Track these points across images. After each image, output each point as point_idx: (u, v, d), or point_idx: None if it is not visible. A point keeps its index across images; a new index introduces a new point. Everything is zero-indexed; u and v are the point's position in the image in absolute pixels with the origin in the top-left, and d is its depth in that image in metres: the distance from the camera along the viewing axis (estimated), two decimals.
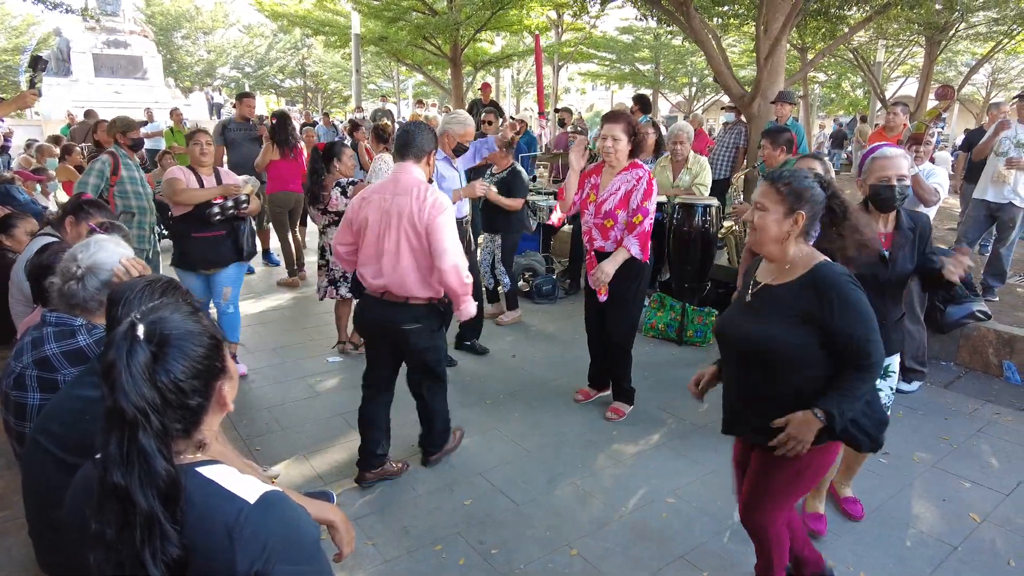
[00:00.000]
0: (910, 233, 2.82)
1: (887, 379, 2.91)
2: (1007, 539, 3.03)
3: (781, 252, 2.13)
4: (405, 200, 3.02)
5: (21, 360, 1.90)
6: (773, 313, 2.10)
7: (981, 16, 13.76)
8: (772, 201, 2.08)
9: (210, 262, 4.37)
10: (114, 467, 1.06)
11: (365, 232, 3.12)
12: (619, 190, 3.84)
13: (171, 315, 1.18)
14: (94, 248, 1.94)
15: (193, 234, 4.26)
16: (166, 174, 4.32)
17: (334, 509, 1.77)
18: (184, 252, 4.36)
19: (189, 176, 4.32)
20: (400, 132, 3.22)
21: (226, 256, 4.39)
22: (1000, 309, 5.40)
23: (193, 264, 4.35)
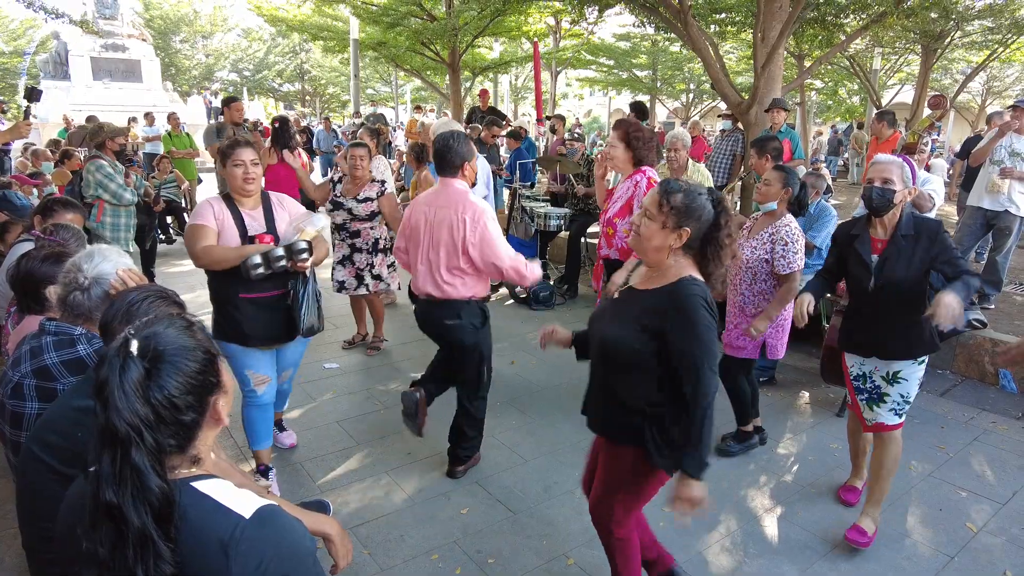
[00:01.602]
0: (904, 242, 2.82)
1: (896, 385, 2.95)
2: (1004, 549, 3.03)
3: (658, 260, 2.14)
4: (446, 213, 3.26)
5: (19, 369, 1.90)
6: (628, 315, 2.13)
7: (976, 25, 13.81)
8: (660, 211, 2.08)
9: (266, 335, 3.13)
10: (107, 485, 1.06)
11: (413, 238, 3.41)
12: (620, 198, 3.88)
13: (165, 330, 1.18)
14: (98, 259, 1.94)
15: (241, 295, 3.01)
16: (193, 216, 3.05)
17: (330, 521, 1.77)
18: (228, 320, 3.07)
19: (223, 215, 3.01)
20: (435, 148, 3.38)
21: (283, 328, 3.15)
22: (996, 317, 5.41)
23: (243, 337, 3.08)
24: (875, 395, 3.04)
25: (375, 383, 4.76)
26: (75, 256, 1.97)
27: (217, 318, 3.13)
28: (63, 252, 2.25)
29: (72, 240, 2.91)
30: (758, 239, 3.61)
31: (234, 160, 3.03)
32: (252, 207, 3.11)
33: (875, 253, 2.92)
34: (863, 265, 2.93)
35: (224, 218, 3.01)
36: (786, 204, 3.61)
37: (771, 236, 3.56)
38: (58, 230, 2.95)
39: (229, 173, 3.05)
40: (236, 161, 3.02)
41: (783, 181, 3.58)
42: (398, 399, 4.46)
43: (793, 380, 4.86)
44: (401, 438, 3.96)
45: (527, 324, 6.10)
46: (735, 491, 3.48)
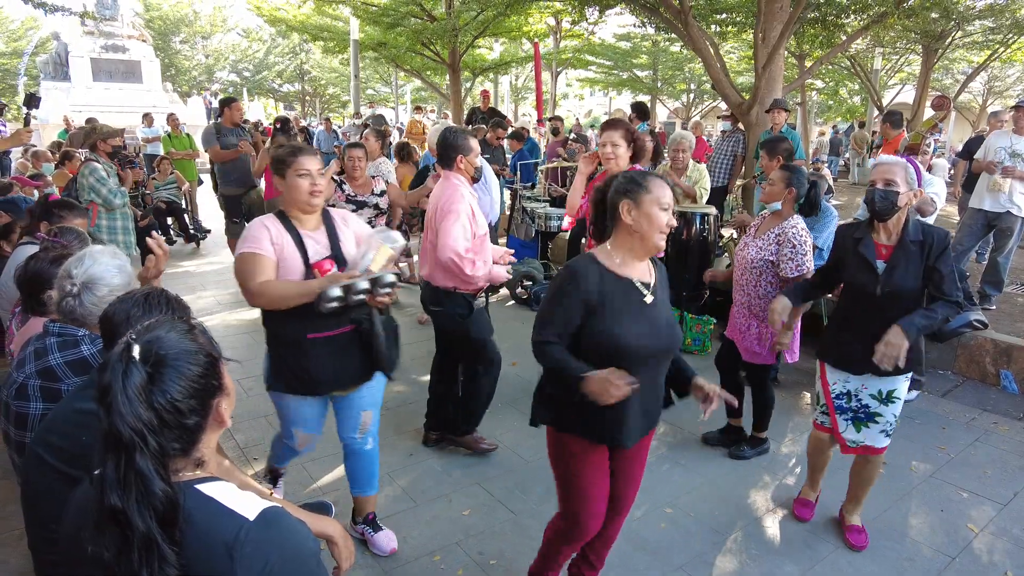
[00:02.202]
0: (914, 248, 2.70)
1: (890, 405, 2.84)
2: (1005, 550, 3.03)
3: None
4: (434, 204, 3.49)
5: (24, 370, 1.90)
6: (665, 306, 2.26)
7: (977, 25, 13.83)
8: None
9: (339, 378, 2.67)
10: (111, 489, 1.06)
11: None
12: None
13: (167, 334, 1.18)
14: (88, 262, 1.94)
15: (310, 335, 2.53)
16: (245, 241, 2.49)
17: (333, 523, 1.77)
18: (293, 366, 2.59)
19: (282, 239, 2.50)
20: (439, 146, 3.55)
21: (359, 367, 2.69)
22: (997, 318, 5.41)
23: (312, 385, 2.62)
24: (863, 415, 2.89)
25: None
26: (69, 259, 1.96)
27: (277, 364, 2.63)
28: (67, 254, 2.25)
29: (75, 242, 2.92)
30: (764, 239, 3.57)
31: (297, 169, 2.49)
32: (313, 227, 2.59)
33: (880, 259, 2.77)
34: (869, 271, 2.77)
35: (283, 243, 2.48)
36: (792, 204, 3.54)
37: (777, 237, 3.51)
38: (63, 232, 2.97)
39: (291, 185, 2.50)
40: (300, 170, 2.49)
41: (786, 181, 3.54)
42: (399, 400, 4.49)
43: (795, 381, 4.86)
44: (402, 439, 3.96)
45: (528, 325, 6.09)
46: (736, 492, 3.48)
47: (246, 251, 2.45)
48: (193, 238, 9.52)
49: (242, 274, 2.45)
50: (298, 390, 2.65)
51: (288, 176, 2.52)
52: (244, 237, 2.50)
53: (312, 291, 2.36)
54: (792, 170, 3.60)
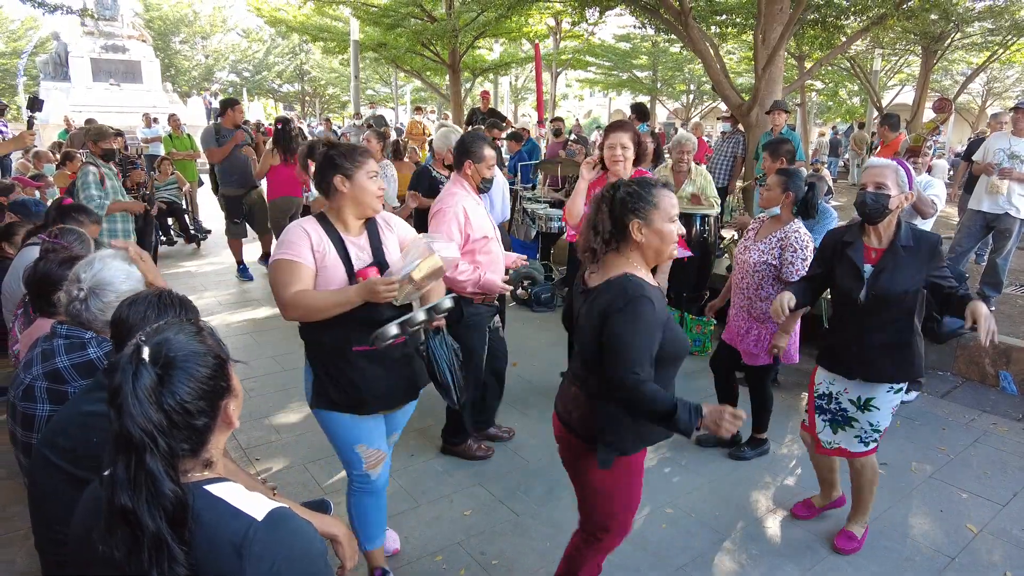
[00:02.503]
0: (904, 253, 2.65)
1: (867, 412, 2.79)
2: (1004, 550, 3.04)
3: None
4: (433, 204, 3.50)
5: (31, 371, 1.92)
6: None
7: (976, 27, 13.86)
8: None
9: (389, 395, 2.46)
10: (122, 489, 1.07)
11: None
12: None
13: (176, 336, 1.19)
14: (98, 266, 1.94)
15: (356, 347, 2.32)
16: (282, 246, 2.28)
17: (337, 523, 1.78)
18: (339, 382, 2.37)
19: (324, 246, 2.29)
20: (456, 146, 3.55)
21: (409, 384, 2.51)
22: (996, 319, 5.38)
23: (360, 403, 2.40)
24: (840, 418, 2.87)
25: None
26: (79, 263, 1.97)
27: (322, 381, 2.40)
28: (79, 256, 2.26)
29: (76, 243, 2.93)
30: (766, 243, 3.57)
31: (369, 170, 2.32)
32: (357, 232, 2.40)
33: (868, 263, 2.72)
34: (855, 275, 2.73)
35: (326, 251, 2.28)
36: (790, 208, 3.54)
37: (780, 242, 3.51)
38: (63, 233, 2.97)
39: (361, 187, 2.30)
40: (372, 171, 2.33)
41: (783, 185, 3.53)
42: None
43: (795, 382, 4.87)
44: (403, 440, 3.97)
45: (528, 326, 6.12)
46: (737, 493, 3.49)
47: (283, 258, 2.24)
48: (193, 238, 9.53)
49: (276, 283, 2.26)
50: (345, 407, 2.40)
51: (357, 177, 2.29)
52: (281, 242, 2.28)
53: (350, 300, 2.20)
54: (788, 174, 3.59)
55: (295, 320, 2.31)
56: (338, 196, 2.32)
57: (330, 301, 2.23)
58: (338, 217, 2.36)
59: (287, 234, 2.30)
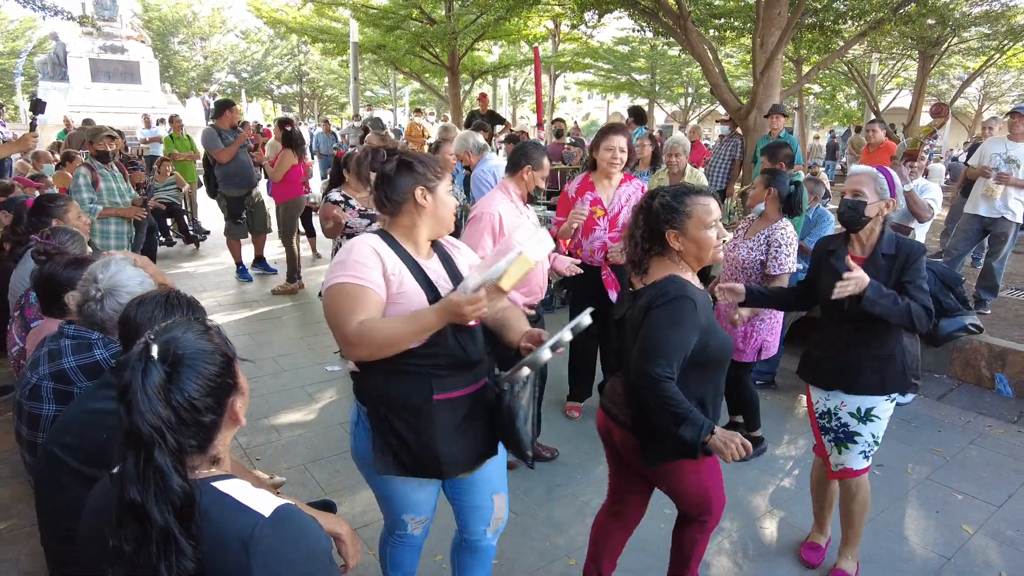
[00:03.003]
0: (884, 261, 2.59)
1: (869, 423, 2.68)
2: (999, 551, 3.07)
3: None
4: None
5: (37, 371, 1.93)
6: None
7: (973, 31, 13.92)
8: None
9: (469, 455, 2.04)
10: (131, 484, 1.09)
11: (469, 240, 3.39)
12: (630, 200, 3.94)
13: (183, 334, 1.21)
14: (114, 268, 1.97)
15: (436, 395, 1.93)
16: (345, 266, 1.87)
17: (340, 522, 1.80)
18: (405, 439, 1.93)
19: (399, 269, 1.93)
20: (512, 152, 3.52)
21: (488, 438, 2.10)
22: (992, 322, 5.46)
23: (434, 464, 1.95)
24: (843, 434, 2.73)
25: None
26: (93, 264, 1.99)
27: (385, 439, 1.95)
28: (86, 258, 2.28)
29: (69, 242, 2.93)
30: (754, 240, 3.71)
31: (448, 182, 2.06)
32: (427, 254, 2.06)
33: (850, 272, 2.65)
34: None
35: (402, 275, 1.91)
36: (775, 205, 3.68)
37: (767, 239, 3.65)
38: (55, 233, 2.97)
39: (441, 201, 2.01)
40: (450, 185, 2.06)
41: (765, 182, 3.71)
42: None
43: (791, 384, 4.89)
44: None
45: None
46: (734, 494, 3.51)
47: (347, 281, 1.83)
48: (193, 239, 9.53)
49: (337, 312, 1.83)
50: (417, 472, 1.97)
51: (440, 190, 2.00)
52: (343, 263, 1.87)
53: (429, 325, 1.80)
54: (772, 173, 3.72)
55: (360, 357, 1.87)
56: (415, 211, 1.97)
57: (406, 329, 1.79)
58: (408, 236, 2.00)
59: (351, 253, 1.89)
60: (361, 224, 4.99)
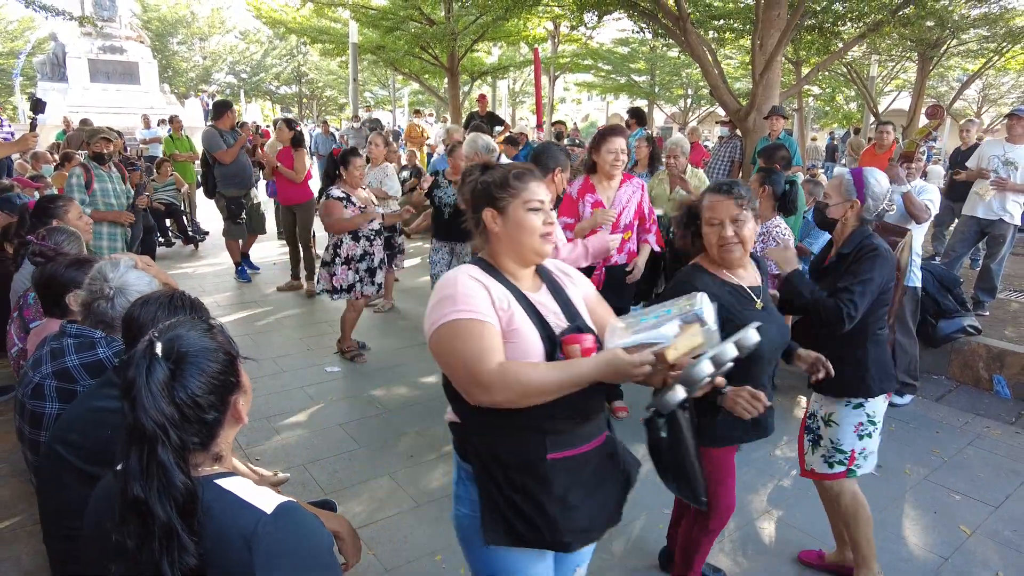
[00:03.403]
0: (840, 260, 2.65)
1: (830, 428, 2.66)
2: (997, 551, 3.08)
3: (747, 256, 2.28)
4: None
5: (40, 370, 1.94)
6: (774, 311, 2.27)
7: (972, 34, 13.94)
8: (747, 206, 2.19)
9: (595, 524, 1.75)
10: (134, 480, 1.10)
11: None
12: (630, 201, 4.00)
13: (187, 332, 1.22)
14: (123, 268, 1.98)
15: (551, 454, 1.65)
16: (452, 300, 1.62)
17: (341, 520, 1.81)
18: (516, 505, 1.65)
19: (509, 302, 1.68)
20: (532, 153, 3.47)
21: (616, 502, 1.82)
22: (990, 324, 5.48)
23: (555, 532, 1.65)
24: (816, 436, 2.75)
25: (376, 386, 4.80)
26: (101, 263, 2.00)
27: (499, 509, 1.66)
28: (87, 258, 2.29)
29: (66, 242, 2.94)
30: None
31: (528, 200, 1.71)
32: (534, 285, 1.80)
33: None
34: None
35: (511, 309, 1.66)
36: (771, 203, 3.74)
37: (763, 236, 3.73)
38: (51, 234, 2.98)
39: (518, 223, 1.70)
40: (532, 201, 1.72)
41: (760, 180, 3.83)
42: (400, 401, 4.53)
43: (790, 385, 4.91)
44: (403, 440, 4.00)
45: None
46: None
47: (463, 317, 1.58)
48: (192, 240, 9.54)
49: (459, 352, 1.56)
50: (535, 542, 1.67)
51: (513, 209, 1.70)
52: (450, 297, 1.62)
53: (582, 379, 1.54)
54: (766, 171, 3.78)
55: (496, 404, 1.56)
56: (489, 237, 1.74)
57: (559, 378, 1.54)
58: (501, 265, 1.75)
59: (455, 286, 1.63)
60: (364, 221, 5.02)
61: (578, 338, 1.64)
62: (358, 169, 5.01)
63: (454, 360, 1.58)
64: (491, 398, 1.54)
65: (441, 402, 3.62)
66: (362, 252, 5.05)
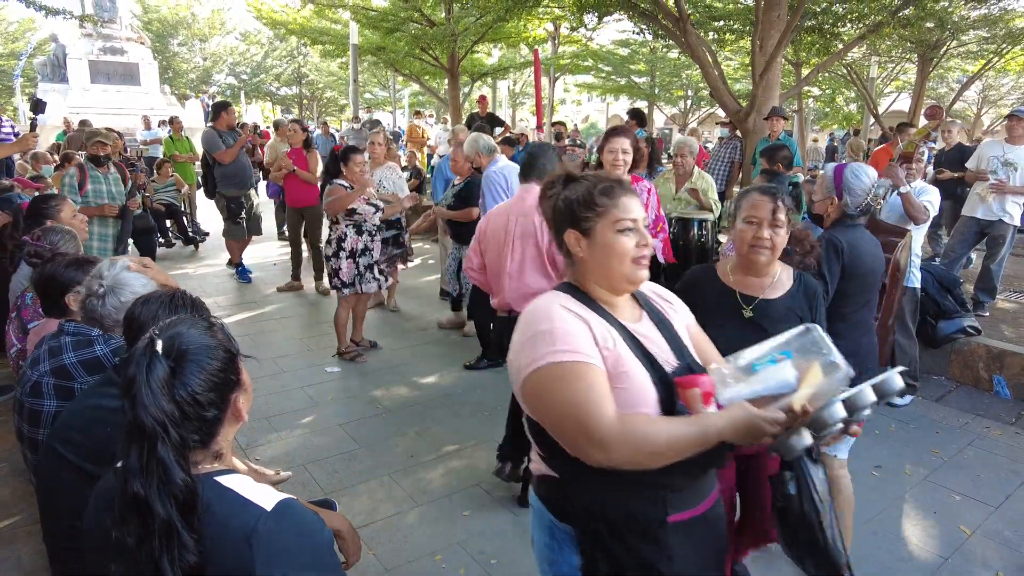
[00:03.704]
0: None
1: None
2: (996, 551, 3.08)
3: (775, 265, 2.24)
4: (529, 220, 3.10)
5: (38, 368, 1.95)
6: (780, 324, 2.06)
7: (972, 35, 13.96)
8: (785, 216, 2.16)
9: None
10: (134, 477, 1.10)
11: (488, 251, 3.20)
12: None
13: (188, 330, 1.23)
14: (119, 267, 1.98)
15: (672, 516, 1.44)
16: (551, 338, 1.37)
17: (341, 518, 1.81)
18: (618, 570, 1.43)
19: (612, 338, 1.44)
20: (525, 156, 3.31)
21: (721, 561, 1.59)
22: (990, 324, 5.47)
23: None
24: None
25: (376, 386, 4.80)
26: (102, 263, 2.01)
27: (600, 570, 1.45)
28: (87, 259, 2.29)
29: (61, 241, 2.94)
30: None
31: (617, 219, 1.45)
32: (634, 316, 1.55)
33: None
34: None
35: (616, 347, 1.41)
36: None
37: None
38: (46, 234, 2.98)
39: (606, 246, 1.44)
40: (623, 220, 1.45)
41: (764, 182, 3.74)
42: (399, 402, 4.53)
43: None
44: (403, 440, 4.00)
45: None
46: None
47: (567, 359, 1.34)
48: (192, 240, 9.54)
49: (567, 402, 1.33)
50: None
51: (600, 231, 1.46)
52: (547, 333, 1.37)
53: (717, 436, 1.34)
54: (771, 174, 3.75)
55: (616, 464, 1.32)
56: (575, 261, 1.52)
57: (691, 437, 1.33)
58: (593, 292, 1.51)
59: (548, 320, 1.39)
60: (368, 211, 5.02)
61: (695, 380, 1.41)
62: (359, 166, 5.02)
63: (559, 411, 1.35)
64: (608, 457, 1.31)
65: (441, 402, 3.62)
66: (364, 247, 5.08)
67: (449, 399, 4.54)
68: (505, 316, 3.27)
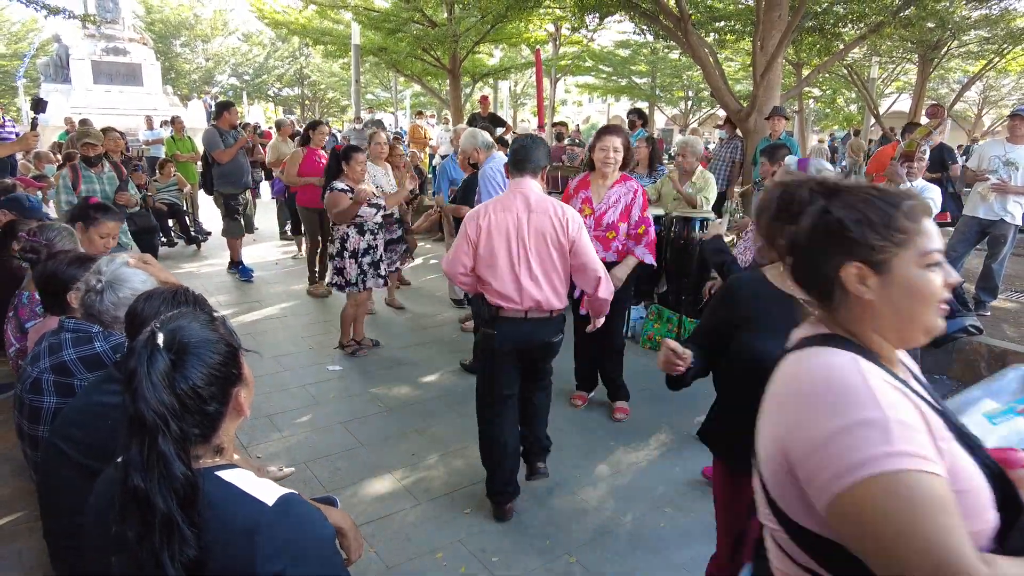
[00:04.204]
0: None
1: None
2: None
3: None
4: (544, 219, 2.99)
5: (38, 365, 1.95)
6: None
7: (972, 35, 13.96)
8: None
9: None
10: (135, 471, 1.10)
11: (489, 253, 3.03)
12: (618, 202, 3.94)
13: (189, 324, 1.23)
14: (118, 263, 1.98)
15: None
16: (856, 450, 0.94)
17: (343, 515, 1.81)
18: None
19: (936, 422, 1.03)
20: (517, 147, 3.13)
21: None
22: (992, 323, 5.47)
23: None
24: None
25: (377, 384, 4.80)
26: (102, 258, 2.01)
27: None
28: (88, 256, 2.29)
29: (57, 238, 2.95)
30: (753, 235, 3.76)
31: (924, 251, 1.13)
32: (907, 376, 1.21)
33: None
34: None
35: (949, 441, 1.03)
36: None
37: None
38: (42, 230, 2.99)
39: (905, 288, 1.11)
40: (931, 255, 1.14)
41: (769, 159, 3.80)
42: (400, 401, 4.53)
43: None
44: (404, 439, 4.00)
45: None
46: None
47: (913, 468, 0.94)
48: (194, 240, 9.55)
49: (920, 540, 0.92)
50: None
51: (902, 266, 1.11)
52: (869, 423, 0.97)
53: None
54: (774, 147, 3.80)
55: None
56: (853, 306, 1.14)
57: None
58: (870, 348, 1.14)
59: (873, 403, 1.00)
60: (369, 212, 5.03)
61: (1014, 457, 1.11)
62: (360, 164, 5.04)
63: (906, 545, 0.92)
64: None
65: (441, 401, 3.62)
66: (367, 246, 5.10)
67: (451, 397, 4.54)
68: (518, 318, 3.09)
